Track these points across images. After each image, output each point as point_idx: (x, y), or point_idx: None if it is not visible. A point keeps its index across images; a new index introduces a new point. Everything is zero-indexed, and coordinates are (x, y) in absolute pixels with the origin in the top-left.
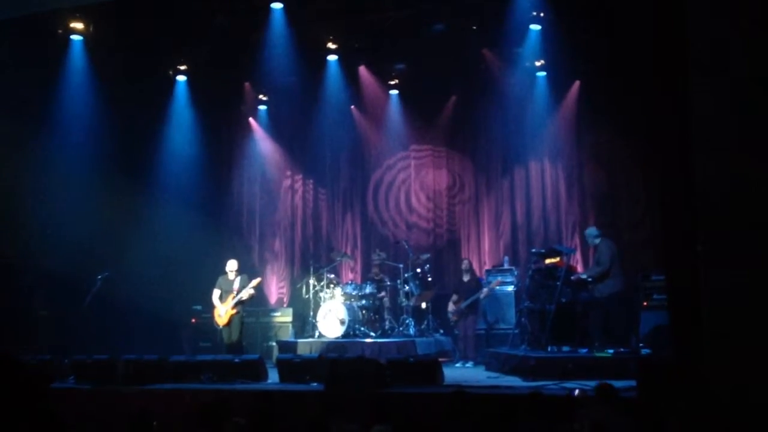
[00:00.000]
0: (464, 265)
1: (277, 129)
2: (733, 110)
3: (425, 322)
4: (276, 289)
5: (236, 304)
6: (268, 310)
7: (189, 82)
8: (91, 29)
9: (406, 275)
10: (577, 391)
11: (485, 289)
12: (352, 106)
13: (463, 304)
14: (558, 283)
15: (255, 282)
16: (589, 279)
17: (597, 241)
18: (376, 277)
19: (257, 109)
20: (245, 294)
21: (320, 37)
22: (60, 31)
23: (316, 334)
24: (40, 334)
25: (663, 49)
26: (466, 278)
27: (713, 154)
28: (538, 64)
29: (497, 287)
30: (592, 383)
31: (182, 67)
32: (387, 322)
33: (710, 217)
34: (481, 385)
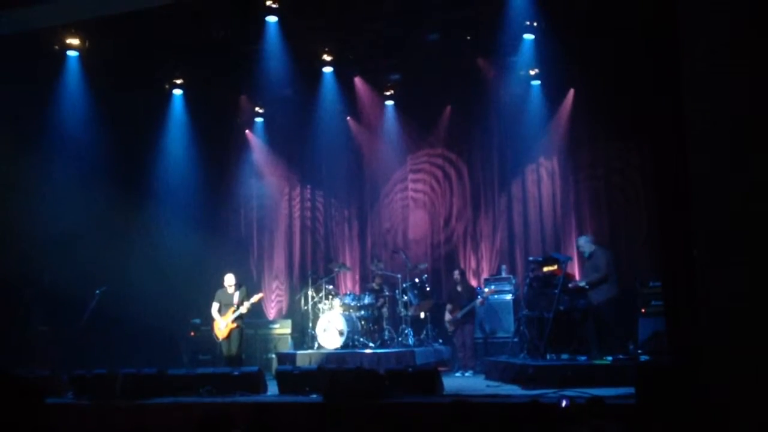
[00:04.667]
0: (456, 275)
1: (273, 141)
2: (729, 114)
3: (424, 332)
4: (275, 300)
5: (236, 318)
6: (267, 322)
7: (185, 95)
8: (86, 44)
9: (404, 285)
10: (564, 402)
11: (480, 298)
12: (348, 117)
13: (459, 314)
14: (556, 290)
15: (257, 297)
16: (587, 286)
17: (592, 248)
18: (376, 287)
19: (254, 121)
20: (245, 308)
21: (315, 49)
22: (56, 47)
23: (315, 345)
24: (39, 350)
25: (657, 54)
26: (459, 288)
27: (709, 159)
28: (532, 72)
29: (492, 296)
30: (592, 391)
31: (178, 81)
32: (386, 333)
33: (706, 222)
34: (481, 394)
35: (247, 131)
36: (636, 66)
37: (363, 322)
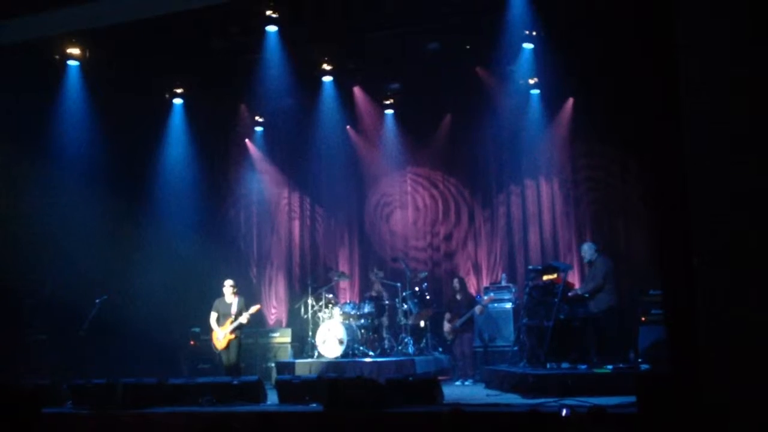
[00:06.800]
0: (455, 283)
1: (273, 150)
2: (728, 122)
3: (424, 341)
4: (274, 309)
5: (235, 329)
6: (267, 331)
7: (185, 104)
8: (87, 54)
9: (404, 294)
10: (564, 411)
11: (479, 306)
12: (348, 127)
13: (458, 323)
14: (556, 299)
15: (254, 309)
16: (586, 294)
17: (594, 256)
18: (376, 296)
19: (254, 130)
20: (244, 319)
21: (315, 58)
22: (57, 57)
23: (315, 354)
24: (39, 359)
25: (656, 64)
26: (458, 296)
27: (707, 168)
28: (531, 82)
29: (491, 304)
30: (593, 400)
31: (179, 90)
32: (386, 341)
33: (705, 230)
34: (481, 403)
35: (246, 140)
36: (635, 73)
37: (363, 331)
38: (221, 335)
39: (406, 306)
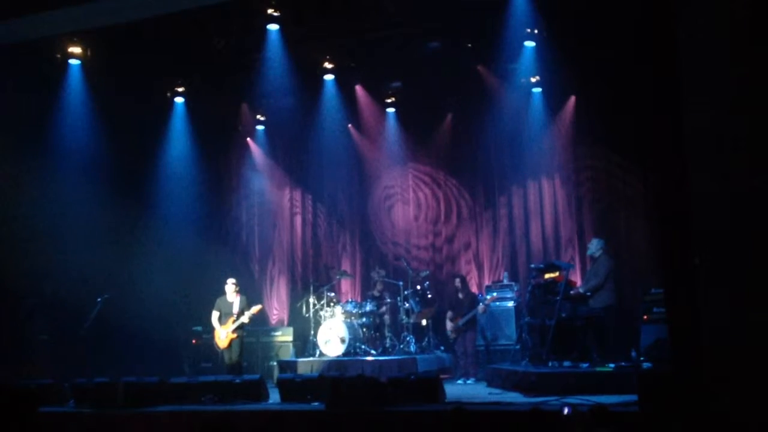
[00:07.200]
0: (456, 282)
1: (275, 149)
2: (727, 123)
3: (426, 339)
4: (276, 308)
5: (237, 329)
6: (269, 330)
7: (187, 104)
8: (89, 53)
9: (406, 292)
10: (566, 410)
11: (481, 305)
12: (350, 125)
13: (461, 322)
14: (558, 298)
15: (255, 309)
16: (588, 293)
17: (599, 253)
18: (377, 294)
19: (255, 129)
20: (245, 319)
21: (316, 57)
22: (58, 56)
23: (317, 352)
24: (41, 358)
25: (656, 64)
26: (460, 295)
27: (709, 167)
28: (533, 80)
29: (494, 303)
30: (594, 398)
31: (180, 89)
32: (388, 340)
33: (707, 230)
34: (483, 402)
35: (248, 139)
36: (637, 72)
37: (365, 330)
38: (223, 334)
39: (407, 304)
